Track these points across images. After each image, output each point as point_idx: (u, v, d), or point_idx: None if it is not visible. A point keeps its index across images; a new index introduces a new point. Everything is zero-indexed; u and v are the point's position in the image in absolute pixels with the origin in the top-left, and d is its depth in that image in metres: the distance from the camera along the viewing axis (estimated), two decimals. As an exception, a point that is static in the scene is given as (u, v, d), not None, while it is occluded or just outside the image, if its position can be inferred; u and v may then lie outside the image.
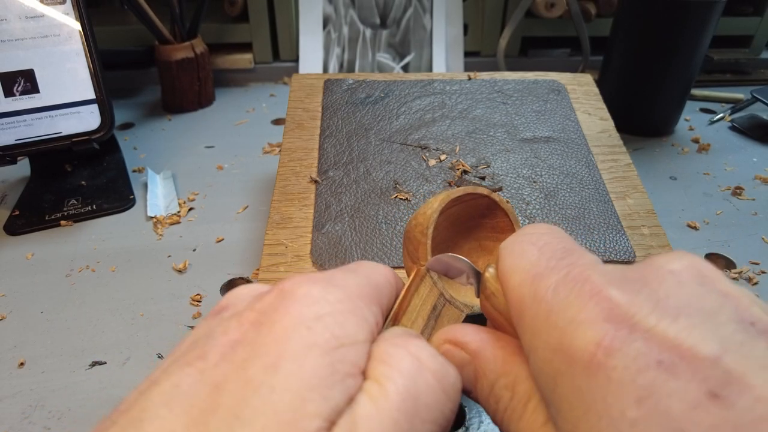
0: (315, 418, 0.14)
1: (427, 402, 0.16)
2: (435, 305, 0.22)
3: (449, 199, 0.25)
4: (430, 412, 0.16)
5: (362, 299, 0.18)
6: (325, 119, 0.42)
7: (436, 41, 0.68)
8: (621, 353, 0.15)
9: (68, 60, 0.44)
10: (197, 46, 0.61)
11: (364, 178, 0.38)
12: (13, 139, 0.43)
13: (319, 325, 0.16)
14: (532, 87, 0.46)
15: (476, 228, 0.28)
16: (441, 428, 0.16)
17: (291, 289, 0.17)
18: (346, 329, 0.16)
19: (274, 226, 0.35)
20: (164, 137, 0.58)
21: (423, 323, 0.22)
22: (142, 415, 0.13)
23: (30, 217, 0.43)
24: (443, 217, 0.26)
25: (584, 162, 0.40)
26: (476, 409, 0.29)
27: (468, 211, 0.27)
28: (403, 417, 0.15)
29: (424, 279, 0.22)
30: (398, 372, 0.16)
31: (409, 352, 0.17)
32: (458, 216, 0.27)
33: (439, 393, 0.17)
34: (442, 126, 0.42)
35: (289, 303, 0.16)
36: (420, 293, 0.22)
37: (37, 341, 0.33)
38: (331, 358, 0.15)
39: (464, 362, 0.20)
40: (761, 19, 0.72)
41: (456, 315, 0.22)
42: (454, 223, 0.27)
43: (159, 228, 0.43)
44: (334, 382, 0.15)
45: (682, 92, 0.56)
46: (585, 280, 0.17)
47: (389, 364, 0.17)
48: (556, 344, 0.16)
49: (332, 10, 0.68)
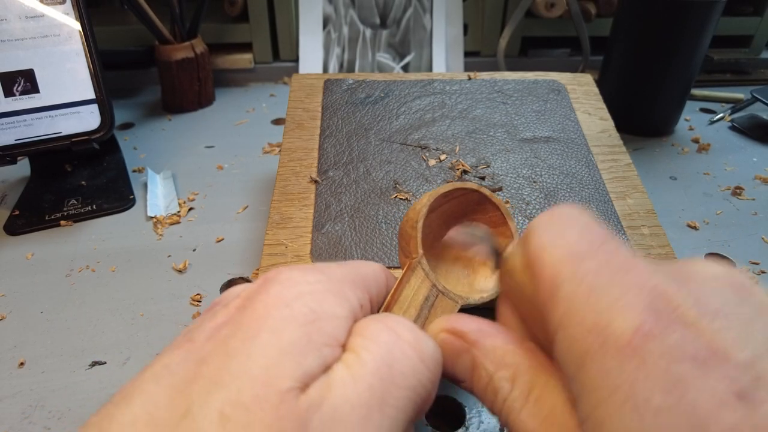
0: (287, 380, 0.14)
1: (402, 370, 0.16)
2: (427, 296, 0.22)
3: (438, 194, 0.25)
4: (406, 379, 0.16)
5: (344, 283, 0.19)
6: (325, 119, 0.42)
7: (436, 41, 0.68)
8: (659, 341, 0.15)
9: (68, 60, 0.44)
10: (197, 46, 0.61)
11: (364, 178, 0.38)
12: (13, 139, 0.43)
13: (298, 302, 0.17)
14: (532, 87, 0.46)
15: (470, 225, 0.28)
16: (419, 397, 0.17)
17: (274, 275, 0.18)
18: (324, 306, 0.17)
19: (274, 226, 0.35)
20: (164, 137, 0.58)
21: (415, 313, 0.22)
22: (133, 391, 0.14)
23: (30, 217, 0.43)
24: (436, 215, 0.26)
25: (584, 162, 0.40)
26: (476, 409, 0.29)
27: (460, 208, 0.27)
28: (377, 382, 0.15)
29: (416, 270, 0.23)
30: (374, 342, 0.17)
31: (387, 325, 0.18)
32: (451, 214, 0.27)
33: (416, 361, 0.17)
34: (442, 126, 0.42)
35: (270, 285, 0.17)
36: (411, 284, 0.22)
37: (37, 341, 0.33)
38: (308, 329, 0.16)
39: (461, 351, 0.20)
40: (761, 19, 0.72)
41: (450, 306, 0.23)
42: (446, 221, 0.27)
43: (159, 228, 0.43)
44: (308, 350, 0.15)
45: (682, 92, 0.56)
46: (630, 269, 0.17)
47: (366, 336, 0.17)
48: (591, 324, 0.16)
49: (332, 10, 0.68)
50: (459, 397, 0.29)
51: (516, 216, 0.36)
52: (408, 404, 0.16)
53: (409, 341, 0.17)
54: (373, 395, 0.15)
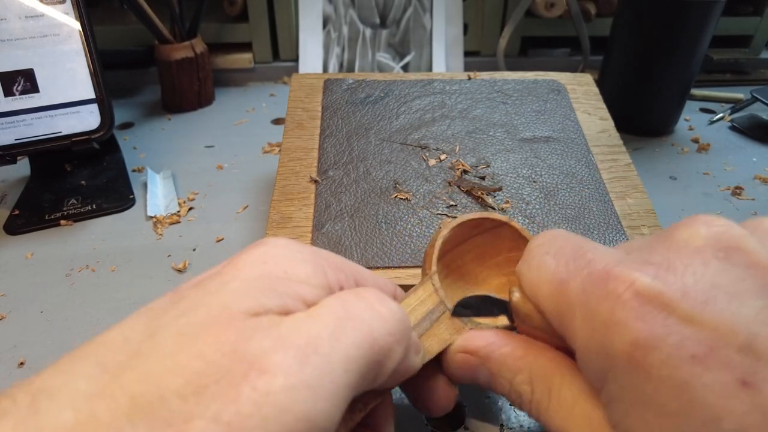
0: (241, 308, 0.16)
1: (359, 314, 0.17)
2: (432, 310, 0.23)
3: (464, 220, 0.26)
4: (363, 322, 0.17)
5: (329, 264, 0.20)
6: (325, 119, 0.42)
7: (436, 41, 0.68)
8: (656, 351, 0.16)
9: (68, 60, 0.44)
10: (197, 46, 0.61)
11: (364, 177, 0.38)
12: (13, 139, 0.43)
13: (273, 261, 0.18)
14: (532, 87, 0.46)
15: (505, 263, 0.27)
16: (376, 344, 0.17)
17: (266, 240, 0.19)
18: (297, 270, 0.18)
19: (274, 225, 0.35)
20: (164, 137, 0.58)
21: (415, 321, 0.22)
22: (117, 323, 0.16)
23: (30, 216, 0.43)
24: (469, 247, 0.27)
25: (584, 162, 0.40)
26: (477, 409, 0.29)
27: (495, 244, 0.27)
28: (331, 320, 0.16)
29: (425, 284, 0.23)
30: (336, 297, 0.18)
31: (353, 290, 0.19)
32: (485, 250, 0.27)
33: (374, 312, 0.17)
34: (442, 126, 0.42)
35: (257, 247, 0.19)
36: (418, 294, 0.23)
37: (36, 341, 0.33)
38: (274, 282, 0.17)
39: (477, 366, 0.22)
40: (761, 18, 0.72)
41: (458, 326, 0.23)
42: (481, 256, 0.27)
43: (159, 228, 0.43)
44: (269, 293, 0.16)
45: (682, 92, 0.56)
46: (608, 277, 0.17)
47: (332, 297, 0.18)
48: (597, 347, 0.17)
49: (332, 9, 0.68)
50: (459, 397, 0.29)
51: (516, 216, 0.36)
52: (363, 348, 0.16)
53: (369, 298, 0.18)
54: (324, 328, 0.16)
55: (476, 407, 0.29)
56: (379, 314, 0.17)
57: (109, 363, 0.14)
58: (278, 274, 0.18)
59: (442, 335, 0.22)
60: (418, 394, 0.23)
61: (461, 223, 0.26)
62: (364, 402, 0.20)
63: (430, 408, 0.23)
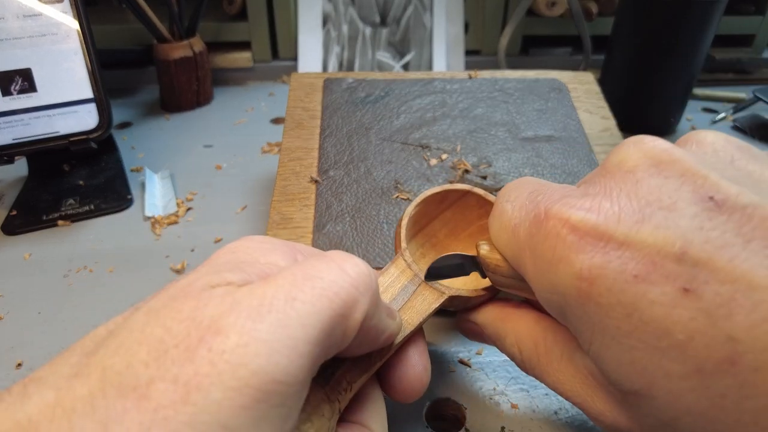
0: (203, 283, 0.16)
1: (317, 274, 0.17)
2: (407, 285, 0.24)
3: (426, 195, 0.26)
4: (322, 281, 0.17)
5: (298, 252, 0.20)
6: (325, 118, 0.42)
7: (437, 40, 0.67)
8: (600, 279, 0.16)
9: (66, 59, 0.43)
10: (195, 45, 0.61)
11: (364, 177, 0.38)
12: (11, 139, 0.42)
13: (243, 250, 0.19)
14: (534, 86, 0.46)
15: (478, 233, 0.28)
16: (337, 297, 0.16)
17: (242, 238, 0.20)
18: (267, 257, 0.19)
19: (275, 226, 0.35)
20: (162, 136, 0.57)
21: (391, 298, 0.23)
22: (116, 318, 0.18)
23: (27, 216, 0.43)
24: (440, 224, 0.27)
25: (586, 161, 0.40)
26: (477, 409, 0.28)
27: (464, 215, 0.27)
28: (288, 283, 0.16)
29: (397, 261, 0.24)
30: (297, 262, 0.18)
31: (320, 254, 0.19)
32: (456, 224, 0.28)
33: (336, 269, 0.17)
34: (443, 125, 0.42)
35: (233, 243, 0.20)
36: (390, 272, 0.24)
37: (34, 342, 0.33)
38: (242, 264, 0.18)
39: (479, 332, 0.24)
40: (763, 18, 0.72)
41: (436, 295, 0.24)
42: (454, 231, 0.28)
43: (157, 228, 0.42)
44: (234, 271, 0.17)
45: (684, 91, 0.56)
46: (546, 217, 0.18)
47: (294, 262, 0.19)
48: (549, 286, 0.18)
49: (332, 8, 0.67)
50: (459, 398, 0.29)
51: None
52: (322, 302, 0.16)
53: (335, 258, 0.18)
54: (279, 289, 0.16)
55: (476, 408, 0.28)
56: (342, 270, 0.17)
57: (89, 349, 0.15)
58: (246, 259, 0.18)
59: (419, 307, 0.23)
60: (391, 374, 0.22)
61: (425, 198, 0.26)
62: (348, 380, 0.20)
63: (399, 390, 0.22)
